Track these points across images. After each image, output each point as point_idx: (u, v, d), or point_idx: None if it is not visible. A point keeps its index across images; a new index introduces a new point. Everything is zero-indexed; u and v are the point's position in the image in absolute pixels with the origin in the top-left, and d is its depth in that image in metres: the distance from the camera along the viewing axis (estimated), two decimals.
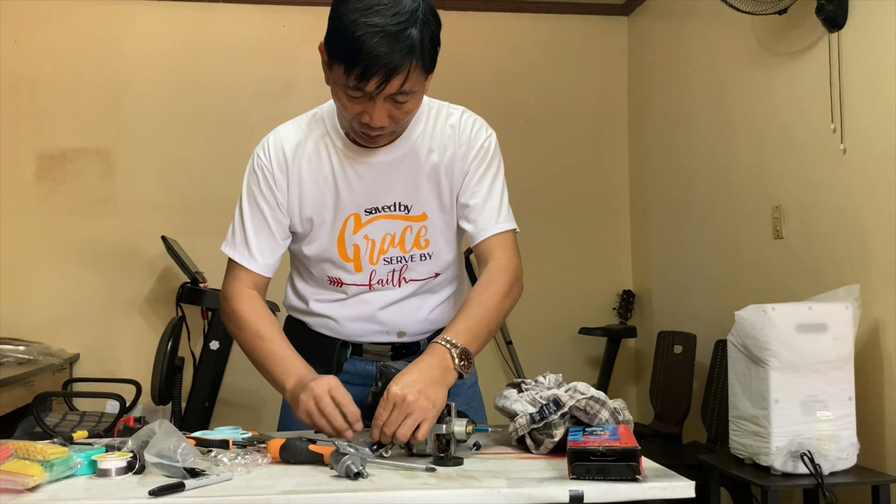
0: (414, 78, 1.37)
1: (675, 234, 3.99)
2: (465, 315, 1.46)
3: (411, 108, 1.43)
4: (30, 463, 1.20)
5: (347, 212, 1.57)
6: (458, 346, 1.39)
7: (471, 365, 1.41)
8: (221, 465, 1.27)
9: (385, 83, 1.34)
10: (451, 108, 1.61)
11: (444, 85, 4.44)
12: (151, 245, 4.02)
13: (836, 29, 2.67)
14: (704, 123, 3.67)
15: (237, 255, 1.58)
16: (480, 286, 1.52)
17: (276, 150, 1.57)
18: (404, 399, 1.30)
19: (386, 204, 1.57)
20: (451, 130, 1.58)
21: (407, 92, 1.38)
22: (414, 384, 1.31)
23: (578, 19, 4.48)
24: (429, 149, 1.57)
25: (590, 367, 4.41)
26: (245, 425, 1.59)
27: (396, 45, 1.32)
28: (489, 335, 1.48)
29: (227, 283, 1.59)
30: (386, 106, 1.39)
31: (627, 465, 1.18)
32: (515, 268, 1.57)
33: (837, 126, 2.69)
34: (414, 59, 1.34)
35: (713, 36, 3.56)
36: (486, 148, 1.59)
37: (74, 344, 4.03)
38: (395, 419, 1.30)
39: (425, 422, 1.30)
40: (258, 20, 4.25)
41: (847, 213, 2.67)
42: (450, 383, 1.37)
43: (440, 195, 1.59)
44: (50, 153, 4.09)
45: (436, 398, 1.32)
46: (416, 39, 1.33)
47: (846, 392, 2.35)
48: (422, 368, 1.35)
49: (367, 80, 1.34)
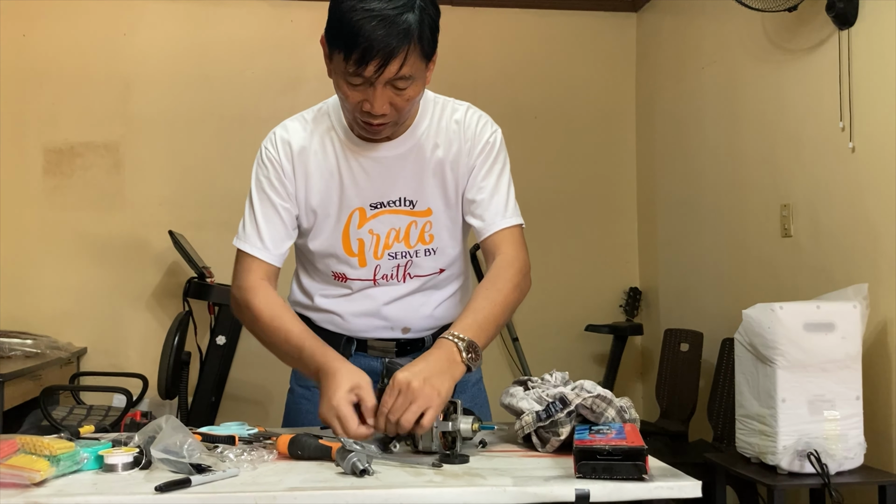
0: (412, 62, 1.38)
1: (683, 231, 3.97)
2: (472, 310, 1.47)
3: (412, 95, 1.43)
4: (36, 458, 1.20)
5: (352, 206, 1.57)
6: (464, 340, 1.39)
7: (478, 357, 1.41)
8: (227, 462, 1.27)
9: (384, 66, 1.35)
10: (457, 104, 1.62)
11: (453, 80, 4.46)
12: (159, 240, 4.03)
13: (847, 26, 2.65)
14: (713, 120, 3.66)
15: (248, 247, 1.58)
16: (488, 281, 1.52)
17: (283, 142, 1.58)
18: (409, 385, 1.30)
19: (391, 199, 1.57)
20: (457, 126, 1.58)
21: (406, 77, 1.39)
22: (420, 373, 1.32)
23: (587, 15, 4.47)
24: (434, 144, 1.57)
25: (596, 364, 4.41)
26: (251, 420, 1.59)
27: (394, 29, 1.33)
28: (497, 329, 1.48)
29: (239, 276, 1.58)
30: (386, 92, 1.40)
31: (634, 464, 1.17)
32: (523, 262, 1.57)
33: (846, 124, 2.68)
34: (411, 42, 1.36)
35: (722, 33, 3.54)
36: (491, 143, 1.60)
37: (82, 338, 4.05)
38: (400, 406, 1.30)
39: (430, 409, 1.30)
40: (266, 15, 4.25)
41: (856, 212, 2.66)
42: (457, 376, 1.37)
43: (445, 191, 1.59)
44: (58, 148, 4.10)
45: (441, 387, 1.32)
46: (413, 23, 1.35)
47: (854, 391, 2.34)
48: (429, 360, 1.36)
49: (365, 64, 1.35)
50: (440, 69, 1.51)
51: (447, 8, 1.42)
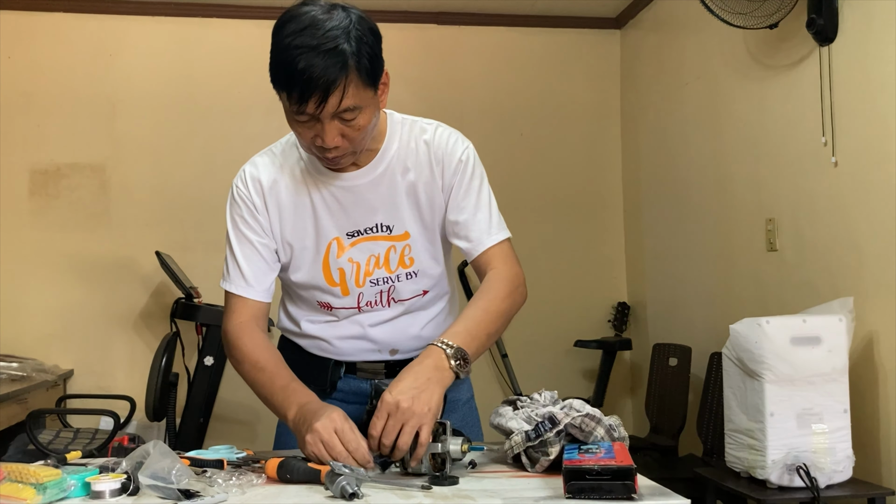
0: (353, 93, 1.36)
1: (670, 246, 4.00)
2: (462, 318, 1.46)
3: (363, 124, 1.41)
4: (23, 486, 1.19)
5: (329, 236, 1.56)
6: (452, 346, 1.38)
7: (467, 364, 1.39)
8: (216, 486, 1.26)
9: (324, 101, 1.34)
10: (425, 124, 1.59)
11: (439, 98, 4.47)
12: (146, 260, 4.02)
13: (827, 43, 2.69)
14: (697, 136, 3.69)
15: (233, 287, 1.57)
16: (480, 292, 1.51)
17: (252, 179, 1.57)
18: (398, 406, 1.29)
19: (367, 226, 1.56)
20: (426, 147, 1.57)
21: (351, 108, 1.37)
22: (407, 390, 1.30)
23: (571, 33, 4.51)
24: (405, 167, 1.56)
25: (585, 379, 4.41)
26: (240, 441, 1.58)
27: (329, 61, 1.32)
28: (489, 338, 1.47)
29: (226, 320, 1.59)
30: (335, 125, 1.39)
31: (623, 483, 1.17)
32: (516, 275, 1.56)
33: (829, 139, 2.71)
34: (348, 73, 1.34)
35: (705, 49, 3.58)
36: (464, 161, 1.57)
37: (68, 360, 4.02)
38: (392, 428, 1.29)
39: (425, 426, 1.29)
40: (252, 35, 4.23)
41: (840, 226, 2.69)
42: (446, 383, 1.36)
43: (420, 213, 1.58)
44: (44, 169, 4.09)
45: (430, 401, 1.31)
46: (348, 53, 1.33)
47: (841, 404, 2.35)
48: (415, 371, 1.34)
49: (305, 101, 1.34)
50: (426, 88, 1.52)
51: (432, 27, 1.43)
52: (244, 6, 4.22)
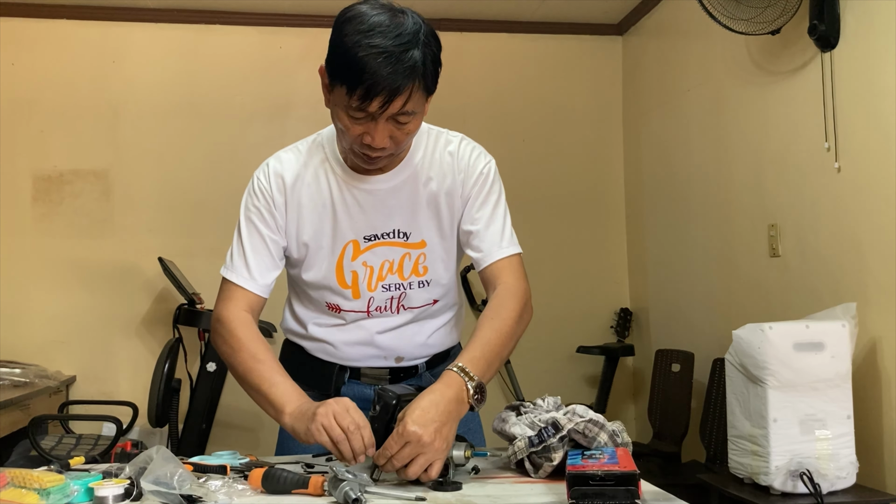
0: (415, 99, 1.38)
1: (672, 252, 3.99)
2: (479, 341, 1.44)
3: (412, 129, 1.44)
4: (26, 491, 1.19)
5: (346, 238, 1.57)
6: (474, 380, 1.36)
7: (483, 400, 1.38)
8: (218, 492, 1.26)
9: (388, 104, 1.35)
10: (451, 136, 1.62)
11: (442, 105, 4.46)
12: (148, 266, 4.02)
13: (829, 49, 2.69)
14: (699, 142, 3.69)
15: (235, 276, 1.56)
16: (492, 310, 1.51)
17: (275, 174, 1.57)
18: (420, 439, 1.26)
19: (385, 231, 1.57)
20: (450, 158, 1.58)
21: (409, 112, 1.39)
22: (431, 422, 1.28)
23: (573, 39, 4.52)
24: (428, 176, 1.57)
25: (588, 385, 4.40)
26: (242, 447, 1.58)
27: (399, 66, 1.32)
28: (501, 363, 1.47)
29: (222, 305, 1.56)
30: (388, 126, 1.40)
31: (626, 489, 1.17)
32: (524, 291, 1.56)
33: (832, 144, 2.71)
34: (416, 79, 1.35)
35: (707, 56, 3.58)
36: (485, 175, 1.59)
37: (71, 366, 4.02)
38: (407, 456, 1.27)
39: (437, 462, 1.29)
40: (255, 41, 4.27)
41: (843, 232, 2.68)
42: (461, 416, 1.36)
43: (440, 222, 1.59)
44: (47, 175, 4.09)
45: (449, 436, 1.31)
46: (418, 60, 1.34)
47: (844, 410, 2.35)
48: (438, 403, 1.31)
49: (369, 100, 1.34)
50: None
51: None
52: (247, 13, 4.23)
